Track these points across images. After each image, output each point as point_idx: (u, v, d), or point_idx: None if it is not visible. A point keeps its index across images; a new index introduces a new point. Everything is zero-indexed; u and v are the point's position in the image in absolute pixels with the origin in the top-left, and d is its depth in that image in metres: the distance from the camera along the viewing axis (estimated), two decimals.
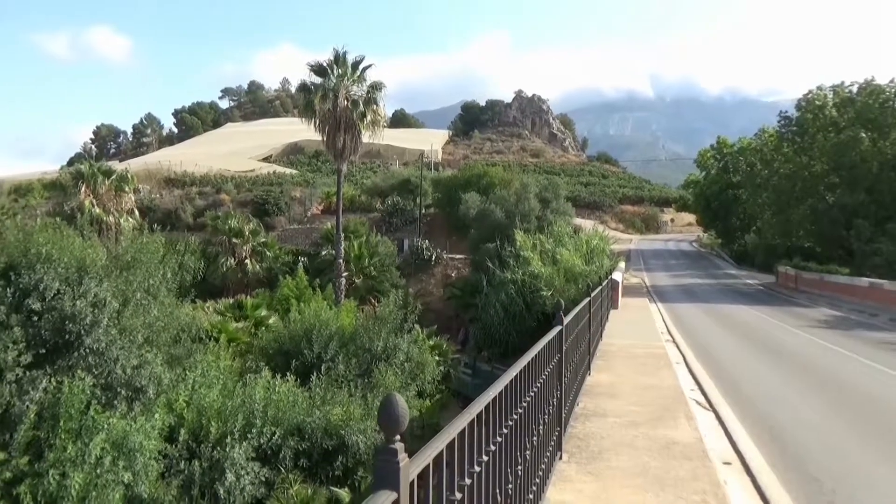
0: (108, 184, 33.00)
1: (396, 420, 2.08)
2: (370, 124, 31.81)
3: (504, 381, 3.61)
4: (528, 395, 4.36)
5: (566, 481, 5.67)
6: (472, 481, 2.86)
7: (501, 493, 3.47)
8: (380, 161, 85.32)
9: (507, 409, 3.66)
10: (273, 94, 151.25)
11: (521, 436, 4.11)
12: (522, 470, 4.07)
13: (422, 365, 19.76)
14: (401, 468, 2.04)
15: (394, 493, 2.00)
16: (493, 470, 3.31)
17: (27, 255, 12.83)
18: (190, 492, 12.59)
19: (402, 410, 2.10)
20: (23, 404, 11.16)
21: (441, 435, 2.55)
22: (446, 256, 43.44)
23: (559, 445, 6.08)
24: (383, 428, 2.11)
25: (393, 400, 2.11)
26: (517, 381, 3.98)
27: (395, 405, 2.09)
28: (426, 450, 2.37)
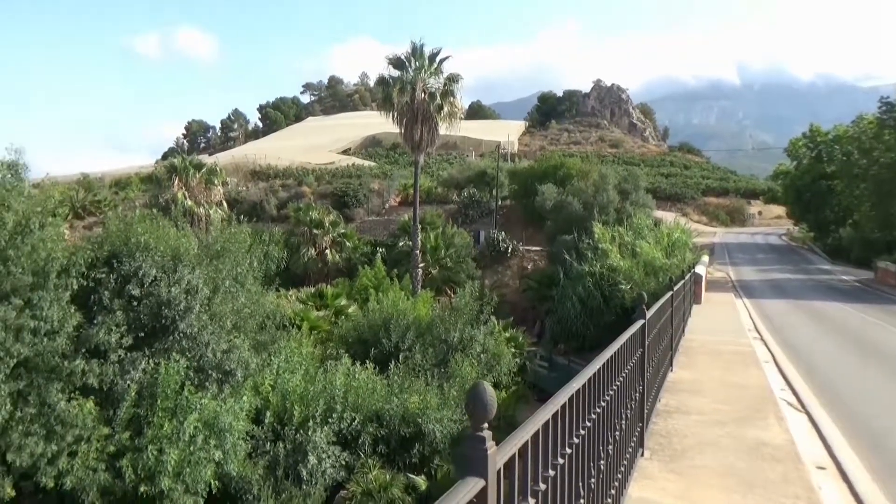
0: (198, 177, 34.66)
1: (485, 407, 2.10)
2: (447, 116, 31.97)
3: (587, 374, 3.57)
4: (611, 389, 4.29)
5: (648, 479, 5.56)
6: (555, 473, 2.85)
7: (584, 487, 3.44)
8: (456, 153, 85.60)
9: (589, 402, 3.62)
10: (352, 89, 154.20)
11: (604, 430, 4.06)
12: (605, 465, 4.02)
13: (498, 356, 19.78)
14: (489, 456, 2.06)
15: (482, 481, 2.03)
16: (576, 463, 3.28)
17: (127, 244, 13.60)
18: (275, 472, 13.12)
19: (491, 398, 2.12)
20: (124, 383, 11.91)
21: (526, 425, 2.56)
22: (522, 248, 43.18)
23: (641, 442, 5.96)
24: (471, 415, 2.13)
25: (482, 388, 2.13)
26: (600, 375, 3.93)
27: (484, 393, 2.11)
28: (512, 439, 2.38)
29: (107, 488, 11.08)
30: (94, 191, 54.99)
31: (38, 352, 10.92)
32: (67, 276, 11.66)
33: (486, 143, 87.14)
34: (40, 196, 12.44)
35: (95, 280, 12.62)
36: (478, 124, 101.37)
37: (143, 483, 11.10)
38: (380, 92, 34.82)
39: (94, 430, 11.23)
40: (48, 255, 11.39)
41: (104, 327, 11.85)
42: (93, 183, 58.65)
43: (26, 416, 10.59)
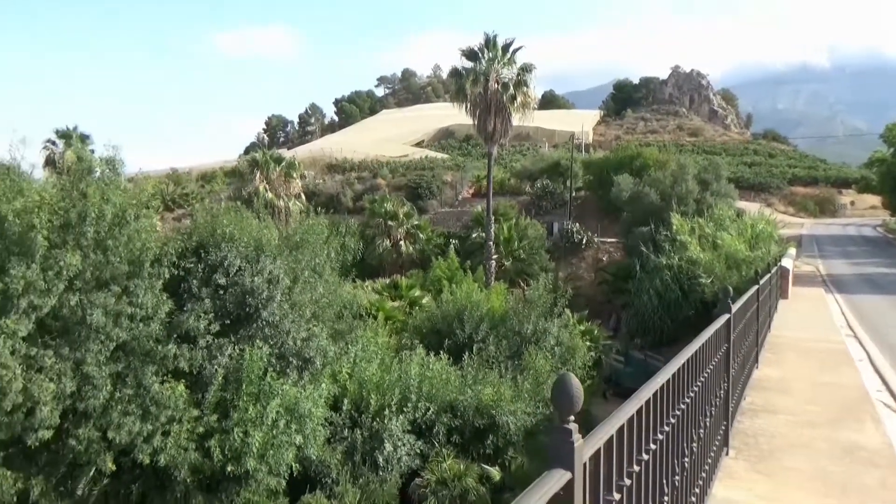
0: (278, 170, 35.80)
1: (571, 400, 2.10)
2: (520, 107, 31.74)
3: (671, 369, 3.49)
4: (695, 385, 4.18)
5: (733, 478, 5.38)
6: (640, 469, 2.81)
7: (668, 484, 3.38)
8: (529, 144, 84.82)
9: (674, 398, 3.55)
10: (425, 81, 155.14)
11: (688, 427, 3.96)
12: (689, 463, 3.93)
13: (572, 350, 19.56)
14: (575, 449, 2.06)
15: (568, 473, 2.02)
16: (660, 460, 3.23)
17: (214, 235, 14.21)
18: (352, 458, 13.48)
19: (577, 390, 2.11)
20: (212, 368, 12.50)
21: (611, 419, 2.53)
22: (597, 240, 42.41)
23: (726, 441, 5.77)
24: (557, 407, 2.13)
25: (568, 379, 2.12)
26: (684, 370, 3.83)
27: (570, 385, 2.11)
28: (597, 433, 2.36)
29: (197, 467, 11.69)
30: (182, 184, 57.77)
31: (134, 336, 11.60)
32: (160, 266, 12.32)
33: (560, 134, 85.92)
34: (135, 190, 13.16)
35: (185, 269, 13.26)
36: (551, 114, 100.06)
37: (229, 463, 11.64)
38: (453, 84, 34.90)
39: (185, 411, 11.85)
40: (143, 246, 12.06)
41: (193, 314, 12.45)
42: (181, 177, 61.62)
43: (124, 397, 11.28)
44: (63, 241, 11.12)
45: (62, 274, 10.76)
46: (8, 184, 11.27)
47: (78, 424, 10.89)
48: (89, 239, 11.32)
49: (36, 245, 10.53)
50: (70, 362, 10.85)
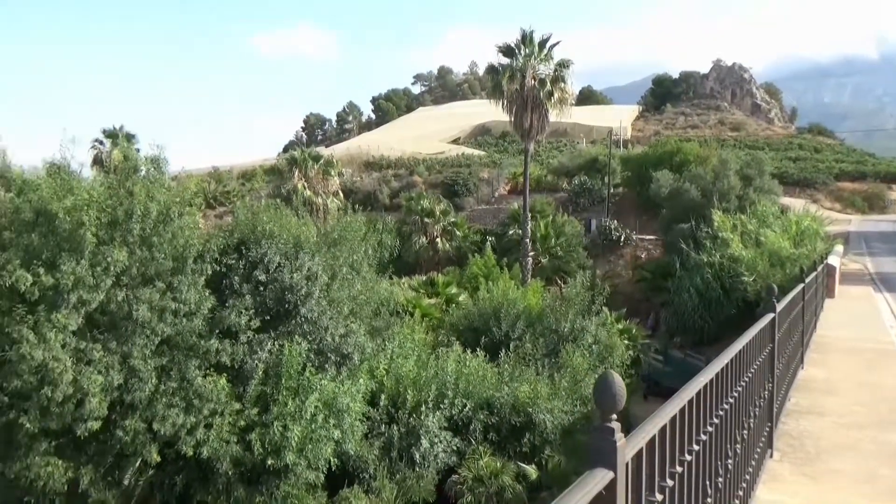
0: (316, 168, 36.22)
1: (613, 398, 2.08)
2: (557, 103, 31.48)
3: (715, 369, 3.44)
4: (739, 385, 4.10)
5: (778, 481, 5.26)
6: (682, 470, 2.77)
7: (711, 486, 3.32)
8: (566, 140, 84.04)
9: (717, 398, 3.49)
10: (461, 78, 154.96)
11: (731, 428, 3.89)
12: (732, 464, 3.85)
13: (610, 348, 19.35)
14: (618, 448, 2.04)
15: (611, 473, 2.01)
16: (703, 460, 3.17)
17: (254, 232, 14.46)
18: (390, 453, 13.58)
19: (620, 389, 2.09)
20: (253, 362, 12.73)
21: (653, 418, 2.50)
22: (636, 237, 41.82)
23: (770, 443, 5.65)
24: (600, 405, 2.11)
25: (611, 377, 2.10)
26: (728, 370, 3.77)
27: (613, 383, 2.09)
28: (639, 432, 2.34)
29: (238, 459, 11.93)
30: (223, 182, 58.86)
31: (178, 331, 11.89)
32: (202, 262, 12.59)
33: (598, 130, 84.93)
34: (178, 188, 13.47)
35: (227, 266, 13.53)
36: (589, 110, 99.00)
37: (270, 456, 11.85)
38: (489, 80, 34.80)
39: (226, 404, 12.10)
40: (186, 242, 12.34)
41: (235, 310, 12.70)
42: (222, 175, 62.78)
43: (169, 390, 11.58)
44: (110, 237, 11.45)
45: (110, 270, 11.09)
46: (59, 182, 11.65)
47: (125, 416, 11.22)
48: (135, 236, 11.64)
49: (85, 242, 10.87)
50: (117, 356, 11.18)
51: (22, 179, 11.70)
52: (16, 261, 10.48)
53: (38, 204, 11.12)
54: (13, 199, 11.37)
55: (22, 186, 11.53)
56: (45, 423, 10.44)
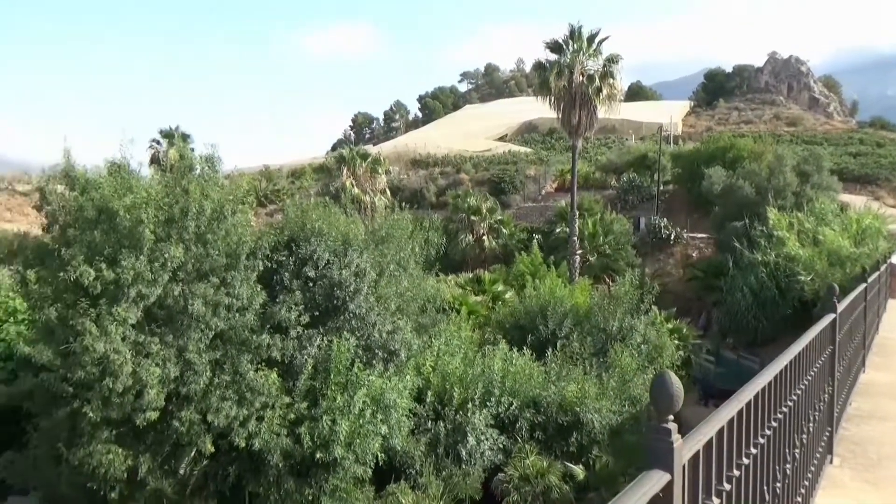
0: (364, 166, 36.59)
1: (671, 398, 2.04)
2: (606, 99, 31.03)
3: (773, 371, 3.34)
4: (798, 388, 3.98)
5: (838, 487, 5.09)
6: (740, 473, 2.71)
7: (769, 491, 3.24)
8: (615, 136, 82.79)
9: (775, 401, 3.39)
10: (508, 75, 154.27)
11: (789, 432, 3.78)
12: (791, 469, 3.75)
13: (660, 348, 19.00)
14: (675, 449, 2.00)
15: (667, 475, 1.98)
16: (761, 465, 3.10)
17: (304, 229, 14.72)
18: (436, 450, 13.65)
19: (677, 389, 2.05)
20: (302, 357, 12.97)
21: (710, 420, 2.45)
22: (686, 235, 40.91)
23: (830, 448, 5.46)
24: (656, 406, 2.08)
25: (667, 378, 2.07)
26: (786, 372, 3.66)
27: (670, 383, 2.05)
28: (696, 434, 2.29)
29: (288, 452, 12.18)
30: (273, 181, 60.04)
31: (231, 325, 12.20)
32: (254, 259, 12.90)
33: (647, 126, 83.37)
34: (231, 186, 13.80)
35: (277, 262, 13.82)
36: (638, 106, 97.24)
37: (318, 450, 12.06)
38: (536, 77, 34.54)
39: (277, 398, 12.37)
40: (239, 239, 12.65)
41: (285, 305, 12.96)
42: (273, 173, 64.04)
43: (222, 383, 11.90)
44: (167, 234, 11.82)
45: (167, 266, 11.45)
46: (119, 181, 12.08)
47: (181, 407, 11.57)
48: (191, 233, 11.99)
49: (144, 238, 11.25)
50: (174, 349, 11.54)
51: (85, 179, 12.16)
52: (80, 256, 10.92)
53: (100, 202, 11.55)
54: (77, 197, 11.83)
55: (85, 185, 11.99)
56: (106, 412, 10.86)
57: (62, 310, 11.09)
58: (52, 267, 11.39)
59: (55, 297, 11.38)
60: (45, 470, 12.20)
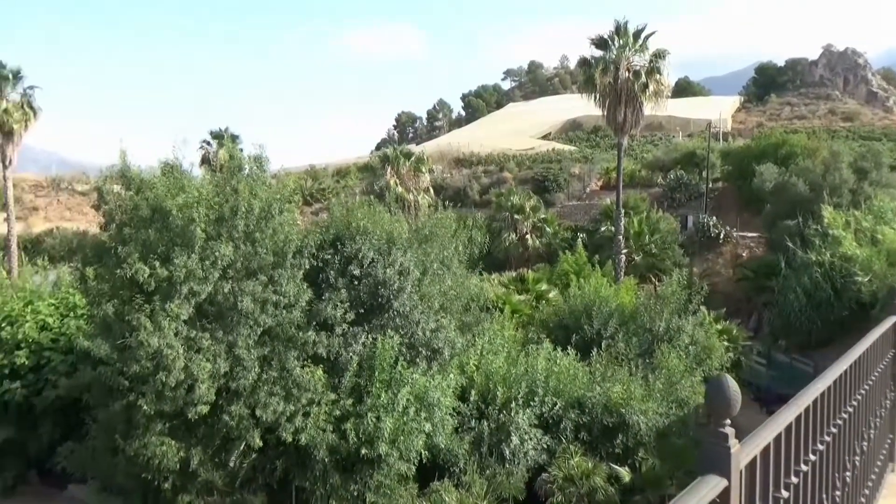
0: (408, 165, 36.81)
1: (728, 402, 2.00)
2: (652, 95, 30.47)
3: (832, 375, 3.24)
4: (858, 393, 3.85)
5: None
6: (798, 481, 2.63)
7: (828, 499, 3.14)
8: (661, 134, 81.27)
9: (834, 406, 3.29)
10: (552, 72, 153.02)
11: (849, 439, 3.66)
12: (850, 477, 3.62)
13: (708, 350, 18.58)
14: (732, 454, 1.96)
15: (724, 480, 1.94)
16: (820, 472, 3.00)
17: (349, 228, 14.89)
18: (479, 448, 13.64)
19: (735, 393, 2.01)
20: (348, 355, 13.14)
21: (767, 425, 2.39)
22: (736, 234, 39.92)
23: (892, 455, 5.26)
24: (712, 410, 2.04)
25: (724, 381, 2.03)
26: (846, 377, 3.54)
27: (727, 387, 2.01)
28: (753, 439, 2.24)
29: (334, 448, 12.35)
30: (319, 180, 60.92)
31: (278, 322, 12.44)
32: (301, 257, 13.11)
33: (695, 122, 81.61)
34: (278, 185, 14.05)
35: (323, 260, 14.01)
36: (685, 102, 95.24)
37: (363, 446, 12.20)
38: (581, 74, 34.14)
39: (323, 394, 12.56)
40: (286, 238, 12.88)
41: (331, 303, 13.14)
42: (318, 172, 65.00)
43: (270, 378, 12.14)
44: (217, 233, 12.11)
45: (217, 263, 11.74)
46: (172, 181, 12.44)
47: (230, 402, 11.85)
48: (240, 231, 12.26)
49: (195, 237, 11.56)
50: (224, 345, 11.83)
51: (140, 179, 12.55)
52: (135, 254, 11.28)
53: (154, 201, 11.91)
54: (132, 197, 12.22)
55: (140, 185, 12.38)
56: (160, 405, 11.20)
57: (118, 306, 11.48)
58: (109, 264, 11.79)
59: (112, 293, 11.78)
60: (103, 460, 12.66)
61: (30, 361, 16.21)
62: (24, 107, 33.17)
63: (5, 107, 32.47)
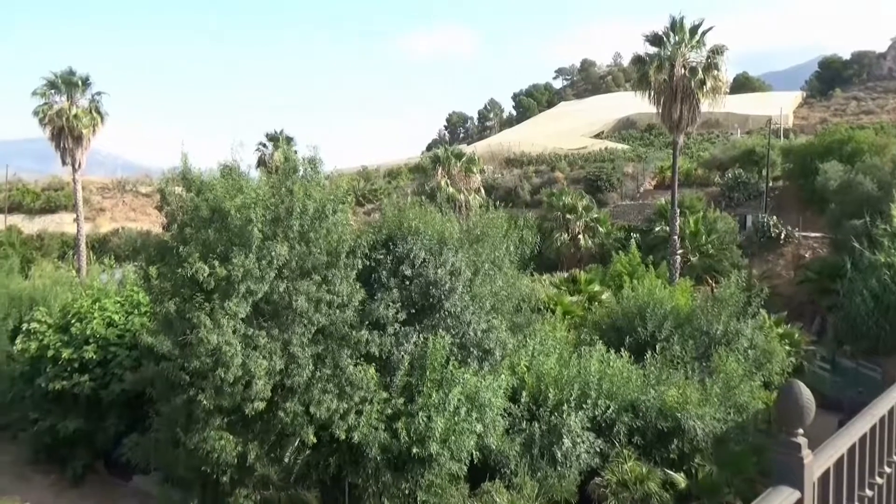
0: (458, 165, 36.86)
1: (801, 411, 1.93)
2: (709, 92, 29.67)
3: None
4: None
5: None
6: (873, 494, 2.51)
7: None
8: (718, 131, 79.08)
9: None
10: (605, 70, 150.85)
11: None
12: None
13: (769, 354, 18.00)
14: (805, 466, 1.89)
15: (796, 492, 1.87)
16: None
17: (401, 228, 15.00)
18: (531, 450, 13.55)
19: (808, 401, 1.93)
20: (399, 354, 13.25)
21: (841, 435, 2.29)
22: (798, 234, 38.52)
23: None
24: (783, 419, 1.97)
25: (796, 389, 1.95)
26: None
27: (800, 395, 1.94)
28: (827, 450, 2.15)
29: (385, 446, 12.46)
30: (371, 180, 61.67)
31: (332, 321, 12.63)
32: (354, 257, 13.27)
33: (754, 119, 79.12)
34: (331, 186, 14.26)
35: (375, 260, 14.16)
36: (744, 98, 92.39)
37: (415, 445, 12.27)
38: (635, 71, 33.54)
39: (375, 393, 12.70)
40: (339, 238, 13.07)
41: (383, 303, 13.27)
42: (370, 173, 65.80)
43: (323, 376, 12.34)
44: (273, 233, 12.38)
45: (273, 263, 12.00)
46: (230, 183, 12.77)
47: (285, 398, 12.10)
48: (295, 232, 12.50)
49: (252, 237, 11.84)
50: (279, 342, 12.08)
51: (200, 181, 12.92)
52: (195, 254, 11.63)
53: (214, 203, 12.25)
54: (193, 198, 12.60)
55: (200, 187, 12.75)
56: (218, 401, 11.52)
57: (180, 303, 11.85)
58: (171, 263, 12.19)
59: (174, 291, 12.18)
60: (165, 452, 13.11)
61: (97, 356, 16.93)
62: (92, 112, 34.61)
63: (75, 112, 33.95)
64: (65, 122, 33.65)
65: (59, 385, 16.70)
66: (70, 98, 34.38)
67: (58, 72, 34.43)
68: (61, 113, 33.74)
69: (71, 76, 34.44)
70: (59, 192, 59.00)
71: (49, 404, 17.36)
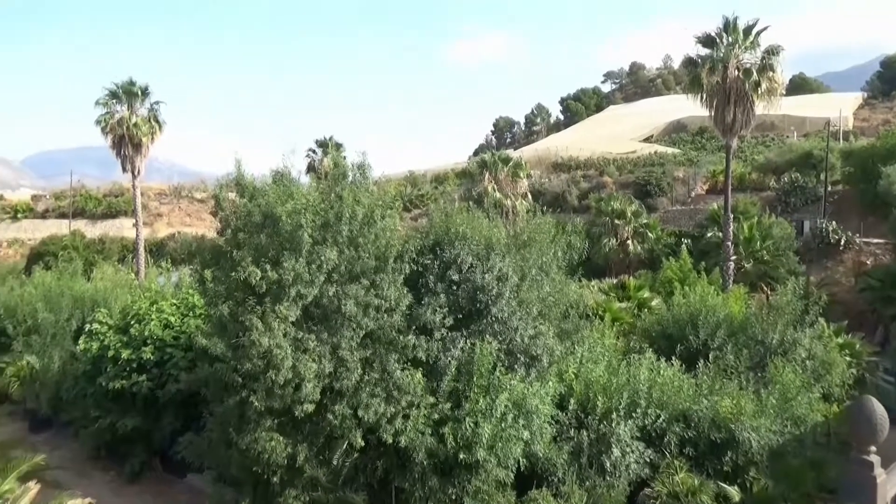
0: (505, 170, 36.80)
1: (873, 428, 1.87)
2: (765, 94, 28.84)
3: None
4: None
5: None
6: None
7: None
8: (774, 134, 76.85)
9: None
10: (654, 73, 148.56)
11: None
12: None
13: (828, 365, 17.36)
14: (878, 484, 1.81)
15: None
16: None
17: (448, 233, 15.02)
18: (579, 459, 13.39)
19: (881, 418, 1.87)
20: (446, 359, 13.27)
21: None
22: (859, 240, 37.11)
23: None
24: (856, 436, 1.90)
25: (869, 405, 1.89)
26: None
27: (873, 411, 1.88)
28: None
29: (432, 451, 12.49)
30: (418, 186, 62.20)
31: (380, 325, 12.74)
32: (401, 262, 13.37)
33: (812, 121, 76.66)
34: (379, 192, 14.39)
35: (423, 265, 14.22)
36: (801, 100, 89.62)
37: (461, 451, 12.26)
38: (686, 74, 32.95)
39: (422, 398, 12.75)
40: (387, 243, 13.19)
41: (430, 308, 13.32)
42: (417, 178, 66.40)
43: (371, 380, 12.45)
44: (323, 238, 12.57)
45: (322, 267, 12.18)
46: (282, 188, 13.03)
47: (334, 401, 12.25)
48: (344, 237, 12.67)
49: (303, 242, 12.05)
50: (328, 346, 12.25)
51: (252, 186, 13.22)
52: (248, 258, 11.90)
53: (266, 208, 12.51)
54: (246, 203, 12.89)
55: (253, 193, 13.05)
56: (269, 402, 11.74)
57: (233, 306, 12.13)
58: (225, 267, 12.49)
59: (227, 294, 12.47)
60: (218, 452, 13.43)
61: (154, 356, 17.50)
62: (150, 121, 35.87)
63: (135, 121, 35.25)
64: (125, 131, 34.98)
65: (119, 384, 17.32)
66: (130, 107, 35.70)
67: (119, 82, 35.82)
68: (122, 122, 35.10)
69: (131, 86, 35.76)
70: (119, 199, 61.32)
71: (109, 403, 18.02)
